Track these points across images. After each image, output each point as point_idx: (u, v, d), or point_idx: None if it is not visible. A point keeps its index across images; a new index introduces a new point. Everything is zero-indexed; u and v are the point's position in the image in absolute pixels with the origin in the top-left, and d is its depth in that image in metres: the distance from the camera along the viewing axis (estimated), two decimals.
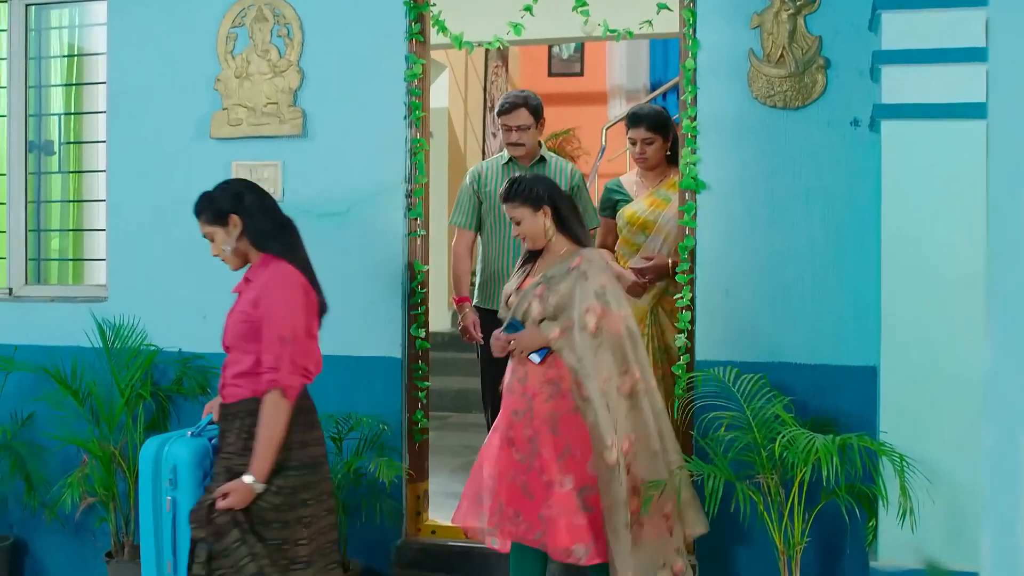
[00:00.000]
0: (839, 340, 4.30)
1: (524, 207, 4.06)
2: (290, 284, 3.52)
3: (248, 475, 3.37)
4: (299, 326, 3.48)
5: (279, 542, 3.44)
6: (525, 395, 4.01)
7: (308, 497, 3.51)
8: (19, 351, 5.14)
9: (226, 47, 4.94)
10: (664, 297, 4.90)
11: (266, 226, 3.62)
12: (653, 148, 5.05)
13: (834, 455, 3.63)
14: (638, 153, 5.08)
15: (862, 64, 4.24)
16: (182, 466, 3.54)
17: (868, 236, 4.22)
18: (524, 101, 5.03)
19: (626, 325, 3.98)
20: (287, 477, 3.45)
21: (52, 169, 5.61)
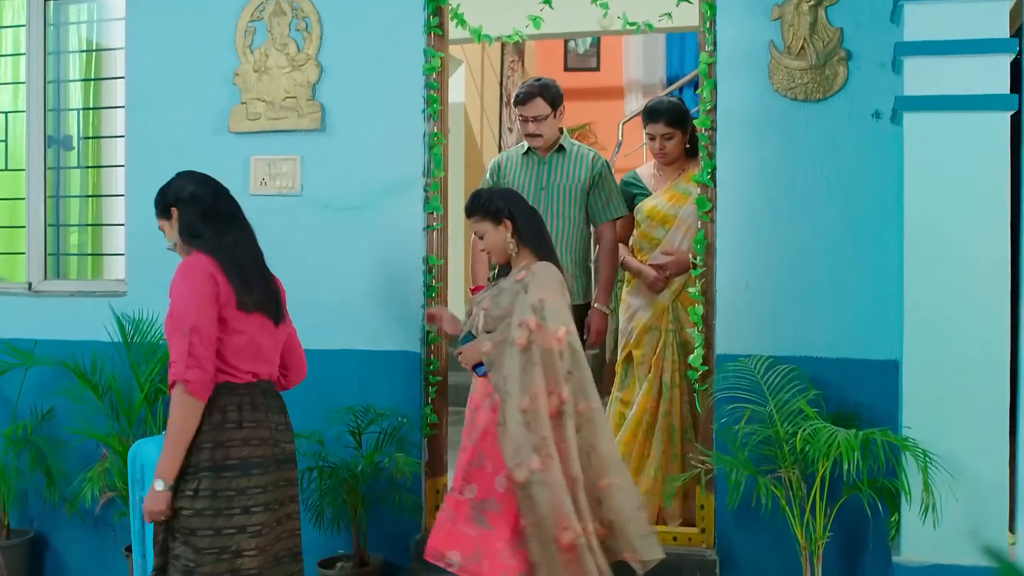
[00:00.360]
0: (860, 334, 4.27)
1: (485, 221, 4.00)
2: (191, 274, 3.31)
3: (155, 478, 3.24)
4: (200, 317, 3.25)
5: (216, 551, 3.25)
6: (470, 407, 3.98)
7: (251, 504, 3.31)
8: (39, 346, 5.16)
9: (244, 41, 4.93)
10: (684, 293, 4.86)
11: (195, 219, 3.45)
12: (673, 143, 5.00)
13: (856, 449, 3.61)
14: (658, 149, 5.02)
15: (884, 56, 4.21)
16: (149, 466, 3.42)
17: (889, 229, 4.19)
18: (540, 90, 4.87)
19: (567, 343, 3.80)
20: (200, 479, 3.26)
21: (71, 164, 5.63)
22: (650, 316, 4.99)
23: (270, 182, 4.90)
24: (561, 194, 4.86)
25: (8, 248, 5.77)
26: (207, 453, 3.28)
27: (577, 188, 4.86)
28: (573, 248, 4.87)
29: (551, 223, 4.69)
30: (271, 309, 3.48)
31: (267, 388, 3.48)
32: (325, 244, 4.85)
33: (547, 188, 4.87)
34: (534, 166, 4.93)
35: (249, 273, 3.42)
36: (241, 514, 3.29)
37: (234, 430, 3.32)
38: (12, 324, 5.29)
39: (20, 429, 5.08)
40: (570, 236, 4.86)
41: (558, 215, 4.83)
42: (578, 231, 4.89)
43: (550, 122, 4.88)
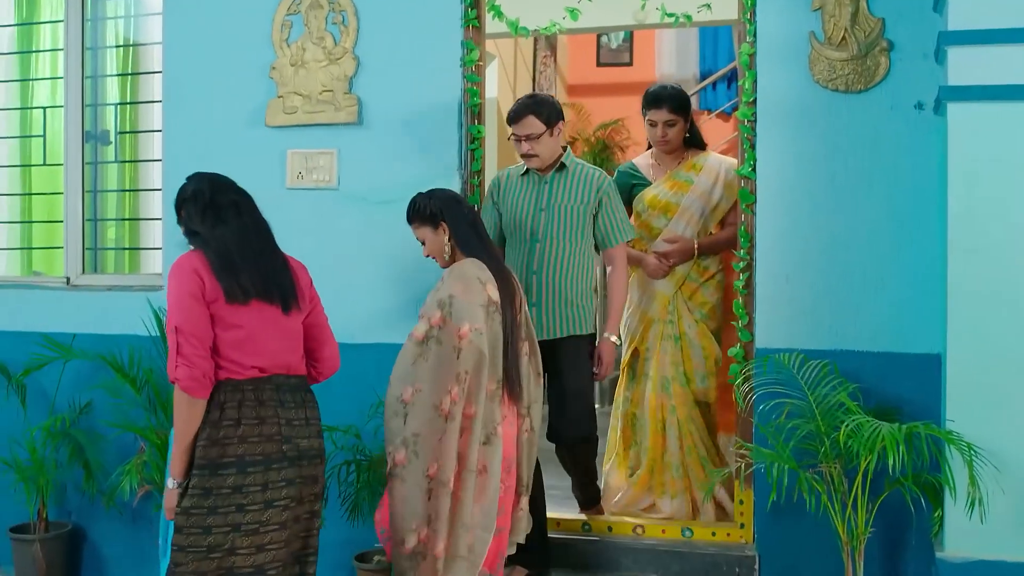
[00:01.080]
0: (902, 327, 4.23)
1: (424, 227, 4.05)
2: (176, 273, 3.32)
3: (168, 478, 3.31)
4: (186, 316, 3.25)
5: (203, 549, 3.24)
6: None
7: (245, 502, 3.27)
8: (77, 340, 5.17)
9: (281, 35, 4.94)
10: (685, 283, 4.87)
11: (192, 217, 3.44)
12: (675, 130, 4.90)
13: (900, 443, 3.57)
14: (660, 136, 4.90)
15: (926, 46, 4.17)
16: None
17: (931, 222, 4.15)
18: (533, 107, 4.47)
19: (470, 340, 3.78)
20: (192, 477, 3.26)
21: (108, 159, 5.65)
22: (655, 308, 4.92)
23: (307, 176, 4.90)
24: (562, 215, 4.53)
25: (46, 242, 5.79)
26: (201, 451, 3.27)
27: (580, 209, 4.53)
28: (576, 273, 4.54)
29: (552, 246, 4.50)
30: (274, 296, 3.41)
31: (282, 383, 3.42)
32: (362, 238, 4.84)
33: (547, 209, 4.55)
34: (533, 186, 4.59)
35: (237, 263, 3.35)
36: (235, 512, 3.27)
37: (231, 427, 3.29)
38: (50, 318, 5.31)
39: (59, 422, 5.09)
40: (572, 260, 4.54)
41: (559, 237, 4.52)
42: (582, 255, 4.56)
43: (546, 141, 4.50)
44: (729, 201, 4.87)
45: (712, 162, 4.97)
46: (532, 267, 4.50)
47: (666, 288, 4.88)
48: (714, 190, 4.91)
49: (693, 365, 4.86)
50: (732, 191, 4.79)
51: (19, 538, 5.15)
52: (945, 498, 3.82)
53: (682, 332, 4.84)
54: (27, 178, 5.88)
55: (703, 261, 4.90)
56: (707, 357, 4.86)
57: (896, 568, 4.23)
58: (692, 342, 4.86)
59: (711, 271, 4.93)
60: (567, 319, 4.51)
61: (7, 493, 5.19)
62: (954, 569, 3.79)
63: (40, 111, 5.76)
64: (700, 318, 4.88)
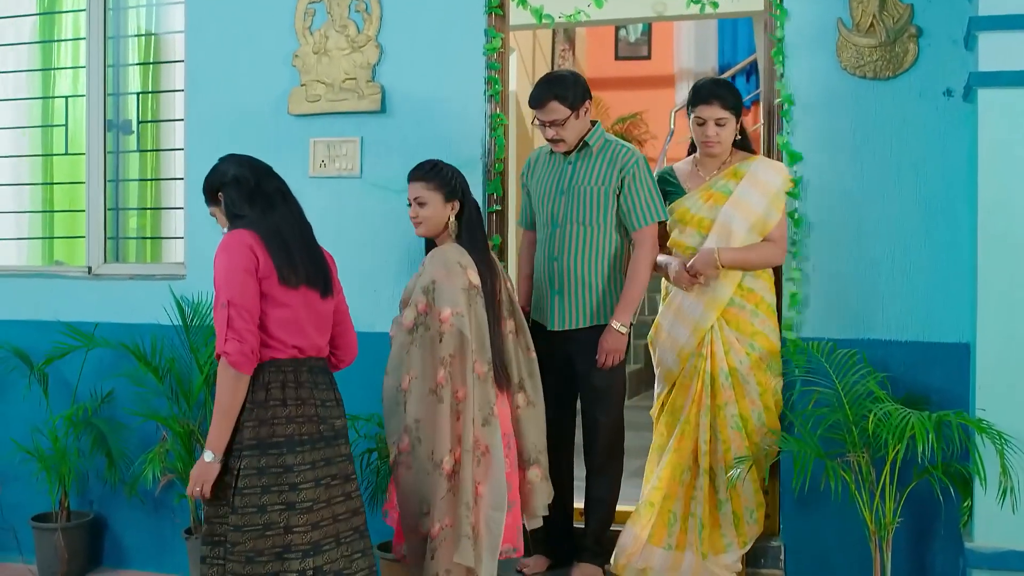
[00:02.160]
0: (930, 316, 4.21)
1: (436, 192, 3.98)
2: (229, 248, 3.31)
3: (205, 450, 3.28)
4: (240, 290, 3.24)
5: (259, 528, 3.24)
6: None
7: (298, 481, 3.29)
8: (99, 328, 5.16)
9: (304, 23, 4.92)
10: (728, 309, 4.20)
11: (238, 200, 3.44)
12: (726, 131, 4.22)
13: (931, 431, 3.54)
14: (711, 136, 4.21)
15: (955, 32, 4.14)
16: None
17: (960, 209, 4.12)
18: (555, 91, 4.20)
19: (452, 324, 3.79)
20: (243, 458, 3.26)
21: (130, 148, 5.65)
22: (693, 344, 4.24)
23: (330, 164, 4.89)
24: (583, 198, 4.26)
25: (68, 232, 5.80)
26: (251, 431, 3.28)
27: (602, 191, 4.24)
28: (598, 262, 4.28)
29: (572, 231, 4.28)
30: (319, 282, 3.45)
31: (314, 365, 3.45)
32: (385, 226, 4.83)
33: (567, 192, 4.29)
34: (557, 166, 4.35)
35: (292, 248, 3.39)
36: (289, 491, 3.28)
37: (279, 407, 3.32)
38: (73, 307, 5.30)
39: (81, 411, 5.09)
40: (594, 247, 4.28)
41: (579, 221, 4.27)
42: (605, 241, 4.28)
43: (572, 124, 4.24)
44: (776, 215, 4.16)
45: (758, 168, 4.20)
46: (554, 253, 4.32)
47: (702, 317, 4.20)
48: (757, 201, 4.15)
49: (747, 403, 4.18)
50: (780, 202, 4.18)
51: (41, 527, 5.15)
52: (975, 487, 3.79)
53: (732, 367, 4.16)
54: (49, 167, 5.89)
55: (746, 282, 4.20)
56: (763, 392, 4.18)
57: (924, 558, 4.20)
58: (745, 377, 4.16)
59: (757, 294, 4.22)
60: (590, 308, 4.28)
61: (29, 482, 5.19)
62: (984, 559, 3.77)
63: (62, 100, 5.76)
64: (752, 350, 4.18)
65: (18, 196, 5.93)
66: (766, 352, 4.17)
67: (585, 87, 4.28)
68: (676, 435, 4.23)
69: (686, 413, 4.23)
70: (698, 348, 4.22)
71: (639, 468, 5.73)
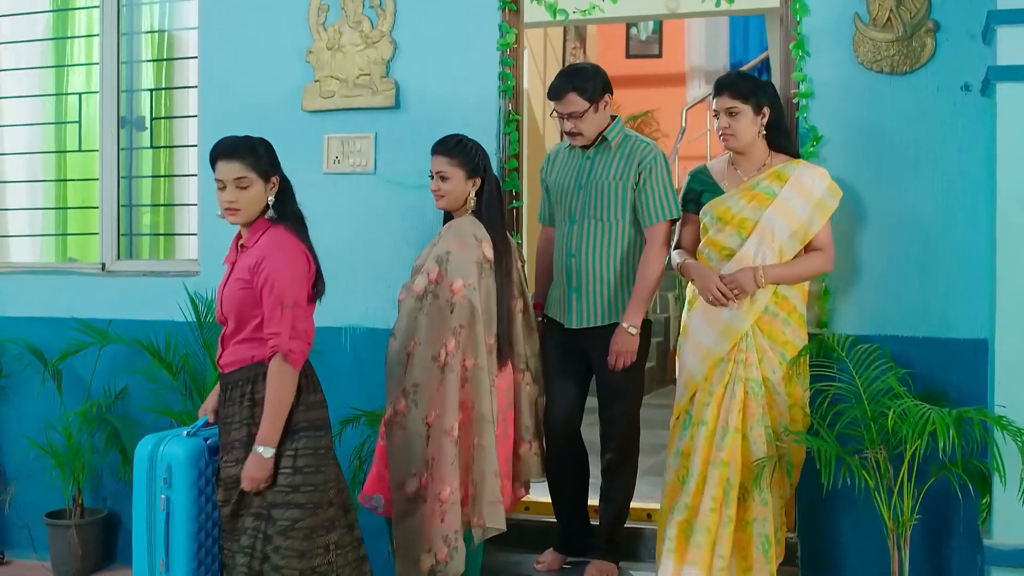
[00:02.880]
0: (948, 312, 4.18)
1: (460, 168, 4.03)
2: (294, 250, 3.45)
3: (258, 446, 3.35)
4: (301, 293, 3.42)
5: (314, 505, 3.41)
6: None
7: (332, 460, 3.53)
8: (113, 325, 5.17)
9: (318, 19, 4.92)
10: (763, 316, 4.01)
11: (291, 197, 3.58)
12: (739, 123, 4.02)
13: (951, 427, 3.51)
14: (723, 128, 4.06)
15: (973, 26, 4.11)
16: (177, 466, 3.44)
17: (979, 205, 4.10)
18: (574, 83, 4.17)
19: (464, 295, 3.86)
20: (299, 439, 3.41)
21: (143, 144, 5.64)
22: (723, 344, 4.03)
23: (344, 160, 4.88)
24: (601, 193, 4.21)
25: (81, 229, 5.80)
26: (301, 415, 3.43)
27: (619, 187, 4.19)
28: (613, 257, 4.23)
29: (590, 227, 4.23)
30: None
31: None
32: (399, 222, 4.82)
33: (586, 187, 4.25)
34: (576, 161, 4.32)
35: (315, 251, 3.57)
36: (333, 466, 3.52)
37: (315, 393, 3.52)
38: (86, 304, 5.31)
39: (95, 408, 5.10)
40: (613, 242, 4.23)
41: (598, 217, 4.22)
42: (621, 237, 4.22)
43: (590, 118, 4.19)
44: (819, 223, 4.01)
45: (803, 172, 4.02)
46: (571, 250, 4.26)
47: (739, 321, 3.99)
48: (801, 207, 3.99)
49: (776, 415, 4.01)
50: (824, 211, 4.01)
51: (55, 523, 5.16)
52: (993, 484, 3.76)
53: (765, 376, 3.99)
54: (62, 164, 5.89)
55: (782, 289, 4.01)
56: (793, 405, 4.02)
57: (941, 555, 4.17)
58: (776, 388, 4.00)
59: (791, 302, 4.04)
60: (608, 306, 4.22)
61: (43, 479, 5.20)
62: (1002, 556, 3.74)
63: (75, 97, 5.76)
64: (784, 359, 4.00)
65: (31, 193, 5.93)
66: (796, 364, 4.02)
67: (605, 81, 4.23)
68: (701, 453, 4.00)
69: (711, 422, 4.01)
70: (731, 353, 4.01)
71: (654, 466, 5.74)
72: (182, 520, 3.45)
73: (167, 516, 3.44)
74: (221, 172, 3.46)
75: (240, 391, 3.45)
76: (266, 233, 3.48)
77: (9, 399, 5.47)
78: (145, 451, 3.51)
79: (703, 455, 4.00)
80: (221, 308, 3.52)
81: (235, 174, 3.43)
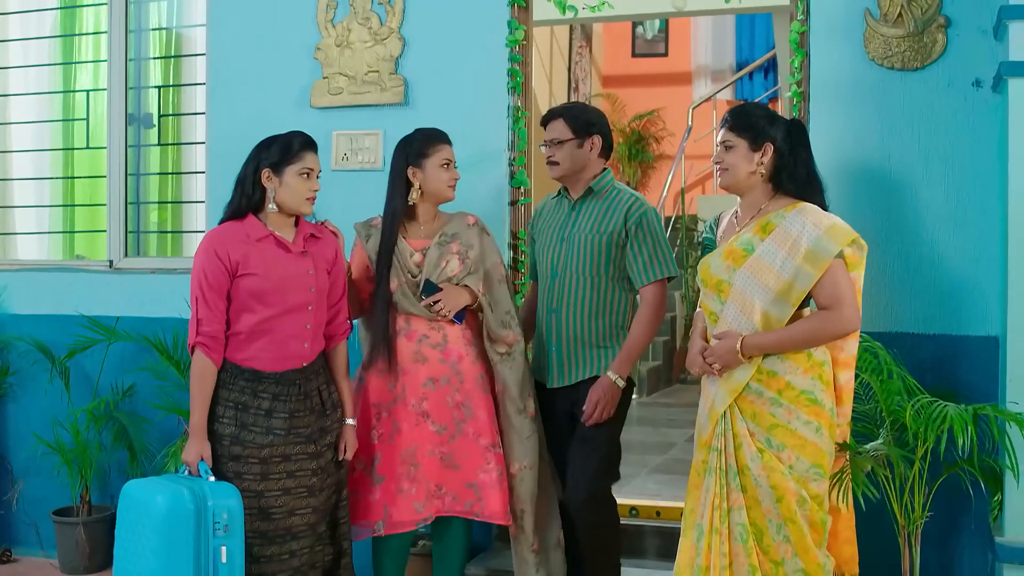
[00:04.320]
0: (959, 309, 4.16)
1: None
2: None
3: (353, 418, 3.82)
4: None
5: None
6: (447, 360, 3.89)
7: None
8: (120, 322, 5.17)
9: (326, 15, 4.91)
10: (745, 395, 3.35)
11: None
12: (732, 155, 3.42)
13: (969, 424, 3.49)
14: (715, 161, 3.53)
15: (984, 22, 4.10)
16: (235, 514, 3.42)
17: (990, 201, 4.08)
18: (563, 111, 3.97)
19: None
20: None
21: (151, 142, 5.64)
22: (709, 428, 3.44)
23: (352, 157, 4.88)
24: (583, 247, 3.91)
25: (89, 226, 5.80)
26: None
27: (603, 239, 3.87)
28: (598, 312, 3.91)
29: (571, 281, 3.93)
30: None
31: None
32: None
33: (568, 240, 3.95)
34: (561, 213, 4.04)
35: None
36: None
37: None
38: (94, 301, 5.31)
39: (102, 405, 5.10)
40: (594, 298, 3.92)
41: (578, 272, 3.92)
42: (605, 296, 3.91)
43: (571, 150, 3.90)
44: (808, 279, 3.26)
45: (792, 221, 3.32)
46: (552, 304, 3.98)
47: (718, 401, 3.40)
48: (783, 263, 3.29)
49: (762, 512, 3.31)
50: (816, 261, 3.26)
51: (62, 521, 5.16)
52: (1006, 482, 3.76)
53: (742, 465, 3.33)
54: (70, 161, 5.89)
55: (767, 363, 3.33)
56: (780, 499, 3.28)
57: (952, 553, 4.16)
58: (758, 480, 3.29)
59: (781, 378, 3.32)
60: (588, 362, 3.91)
61: (51, 476, 5.20)
62: (1014, 554, 3.74)
63: (83, 94, 5.76)
64: (769, 446, 3.31)
65: (39, 190, 5.94)
66: (790, 452, 3.29)
67: (602, 125, 3.97)
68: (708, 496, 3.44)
69: (690, 516, 3.49)
70: (708, 437, 3.44)
71: (659, 465, 5.74)
72: (239, 568, 3.43)
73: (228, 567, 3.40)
74: (311, 162, 3.66)
75: (324, 377, 3.78)
76: (317, 226, 3.87)
77: (17, 396, 5.47)
78: (183, 499, 3.38)
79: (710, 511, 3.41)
80: (303, 296, 3.64)
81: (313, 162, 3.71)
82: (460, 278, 3.91)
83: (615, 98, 10.41)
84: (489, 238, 4.04)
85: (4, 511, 5.44)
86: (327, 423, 3.68)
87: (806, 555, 3.25)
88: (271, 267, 3.55)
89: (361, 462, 3.89)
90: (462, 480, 3.87)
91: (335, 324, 3.78)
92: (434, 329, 3.90)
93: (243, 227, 3.60)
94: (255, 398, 3.54)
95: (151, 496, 3.44)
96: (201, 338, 3.52)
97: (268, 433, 3.53)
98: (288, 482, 3.55)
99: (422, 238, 3.96)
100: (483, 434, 3.89)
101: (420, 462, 3.83)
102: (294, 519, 3.56)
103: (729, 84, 10.23)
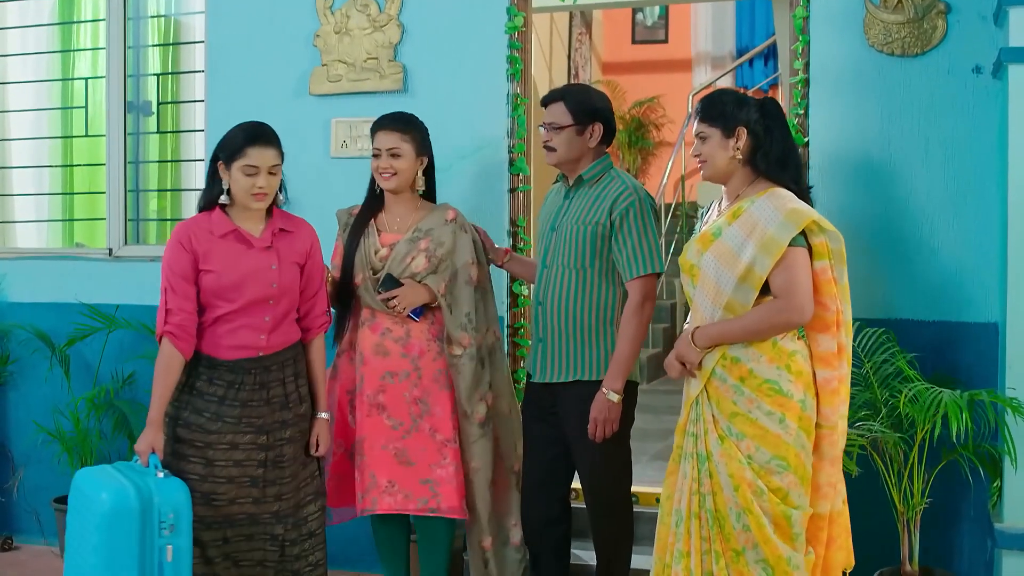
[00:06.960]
0: (959, 296, 4.16)
1: (411, 145, 3.98)
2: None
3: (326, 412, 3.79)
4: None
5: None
6: (408, 355, 3.88)
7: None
8: (120, 310, 5.17)
9: (325, 3, 4.89)
10: (712, 380, 3.28)
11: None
12: (708, 146, 3.37)
13: (964, 410, 3.50)
14: (695, 155, 3.44)
15: (984, 8, 4.09)
16: (182, 511, 3.35)
17: (990, 187, 4.08)
18: (563, 94, 3.82)
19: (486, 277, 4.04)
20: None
21: (150, 130, 5.63)
22: (683, 415, 3.42)
23: (351, 144, 4.86)
24: (570, 237, 3.77)
25: (89, 214, 5.80)
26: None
27: (589, 230, 3.72)
28: (585, 306, 3.76)
29: (558, 273, 3.80)
30: None
31: None
32: None
33: (557, 230, 3.84)
34: (556, 201, 3.93)
35: None
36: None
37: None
38: (94, 289, 5.30)
39: (103, 393, 5.10)
40: (581, 290, 3.77)
41: (565, 263, 3.79)
42: (592, 289, 3.76)
43: (569, 137, 3.76)
44: (765, 264, 3.18)
45: (759, 206, 3.26)
46: (539, 296, 3.87)
47: (691, 383, 3.38)
48: (744, 248, 3.23)
49: (725, 499, 3.22)
50: (770, 248, 3.18)
51: (63, 509, 5.07)
52: (1004, 468, 3.77)
53: (708, 452, 3.26)
54: (69, 149, 5.88)
55: (733, 351, 3.25)
56: (736, 488, 3.19)
57: (951, 539, 4.17)
58: (718, 467, 3.23)
59: (744, 365, 3.24)
60: (572, 361, 3.78)
61: (51, 464, 5.20)
62: (1012, 540, 3.75)
63: (82, 82, 5.75)
64: (728, 434, 3.23)
65: (38, 178, 5.93)
66: (749, 441, 3.20)
67: (603, 110, 3.82)
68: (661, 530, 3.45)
69: (666, 503, 3.44)
70: (683, 422, 3.40)
71: (660, 452, 5.74)
72: (187, 566, 3.38)
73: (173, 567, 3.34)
74: (255, 158, 3.58)
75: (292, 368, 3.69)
76: (293, 219, 3.75)
77: (17, 384, 5.47)
78: (127, 497, 3.29)
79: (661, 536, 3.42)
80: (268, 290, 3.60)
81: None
82: (423, 276, 3.85)
83: (615, 85, 10.38)
84: (465, 236, 3.92)
85: (5, 499, 5.45)
86: (288, 416, 3.61)
87: (766, 545, 3.14)
88: (230, 264, 3.51)
89: (341, 446, 3.96)
90: (416, 477, 3.84)
91: (311, 317, 3.72)
92: (398, 324, 3.88)
93: (209, 221, 3.58)
94: (210, 384, 3.52)
95: (96, 491, 3.35)
96: (170, 327, 3.48)
97: (218, 419, 3.50)
98: (233, 471, 3.51)
99: (396, 232, 3.94)
100: (440, 429, 3.87)
101: (366, 453, 3.84)
102: (233, 507, 3.52)
103: (729, 71, 10.20)
